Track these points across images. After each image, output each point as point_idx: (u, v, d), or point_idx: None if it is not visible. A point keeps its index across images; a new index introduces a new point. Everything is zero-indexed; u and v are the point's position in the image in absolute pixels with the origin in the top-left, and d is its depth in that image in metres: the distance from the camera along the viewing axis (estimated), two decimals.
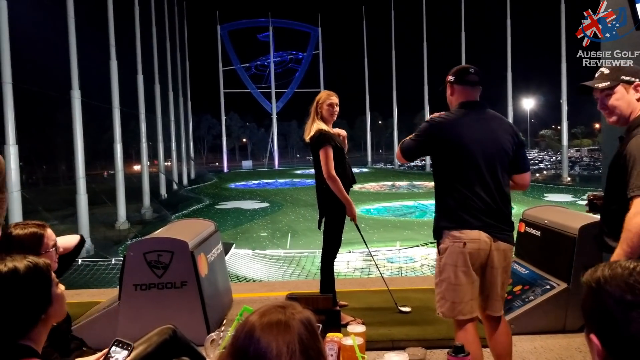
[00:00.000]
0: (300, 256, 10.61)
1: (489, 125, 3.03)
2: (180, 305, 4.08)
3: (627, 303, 1.09)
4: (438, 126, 3.03)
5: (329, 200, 4.47)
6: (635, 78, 2.57)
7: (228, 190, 34.69)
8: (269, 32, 58.15)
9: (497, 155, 2.98)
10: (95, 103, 20.00)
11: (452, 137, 2.97)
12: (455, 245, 2.92)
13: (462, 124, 3.00)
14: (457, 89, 3.14)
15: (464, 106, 3.08)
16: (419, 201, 24.02)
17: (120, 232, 18.74)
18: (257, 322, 1.26)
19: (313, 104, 4.62)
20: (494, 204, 2.95)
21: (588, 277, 1.20)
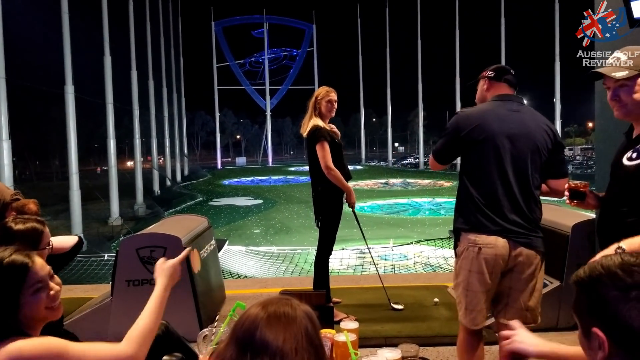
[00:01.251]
0: (293, 253, 10.61)
1: (522, 119, 2.78)
2: (173, 301, 4.03)
3: (627, 286, 1.13)
4: (465, 116, 2.81)
5: (326, 199, 4.48)
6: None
7: (221, 187, 34.64)
8: (263, 28, 58.09)
9: (528, 152, 2.72)
10: (88, 99, 19.91)
11: (477, 128, 2.74)
12: (470, 250, 2.73)
13: (491, 114, 2.78)
14: (495, 85, 2.94)
15: (497, 98, 2.88)
16: (413, 199, 24.06)
17: (113, 228, 18.68)
18: (261, 313, 1.25)
19: (312, 99, 4.62)
20: (517, 206, 2.70)
21: (579, 275, 1.23)
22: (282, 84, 59.98)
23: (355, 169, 44.28)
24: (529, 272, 2.74)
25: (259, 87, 59.05)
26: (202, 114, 77.69)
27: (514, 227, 2.69)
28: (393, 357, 2.34)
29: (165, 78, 34.27)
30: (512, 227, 2.69)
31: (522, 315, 2.73)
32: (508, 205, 2.69)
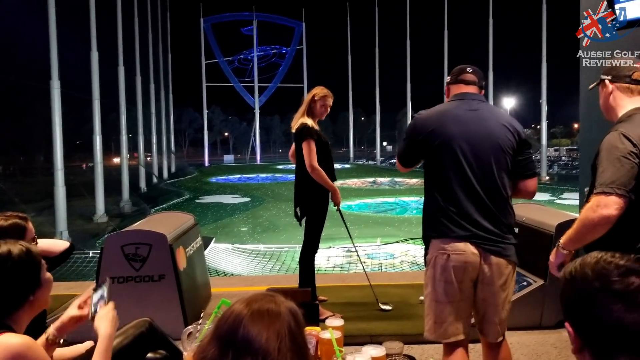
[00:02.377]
0: (280, 251, 10.60)
1: (482, 118, 2.65)
2: (158, 298, 4.05)
3: (594, 288, 1.17)
4: (421, 120, 2.71)
5: (310, 196, 4.47)
6: (606, 75, 2.57)
7: (209, 185, 34.52)
8: (252, 26, 57.90)
9: (491, 152, 2.59)
10: (75, 94, 19.74)
11: (433, 131, 2.62)
12: (439, 257, 2.59)
13: (448, 116, 2.66)
14: (453, 88, 2.84)
15: (454, 98, 2.77)
16: (400, 198, 24.12)
17: (98, 225, 18.54)
18: (244, 310, 1.24)
19: (308, 96, 4.59)
20: (485, 210, 2.56)
21: (565, 269, 1.28)
22: (271, 82, 59.88)
23: (344, 167, 44.30)
24: (500, 283, 2.60)
25: (247, 84, 58.90)
26: (190, 110, 77.30)
27: (484, 233, 2.55)
28: (377, 354, 2.35)
29: (153, 74, 34.09)
30: (482, 233, 2.55)
31: (495, 330, 2.65)
32: (475, 210, 2.56)
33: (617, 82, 2.47)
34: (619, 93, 2.47)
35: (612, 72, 2.51)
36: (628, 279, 1.15)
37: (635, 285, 1.14)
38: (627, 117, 2.39)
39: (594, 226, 2.20)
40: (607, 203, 2.16)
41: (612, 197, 2.16)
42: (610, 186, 2.17)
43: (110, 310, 2.12)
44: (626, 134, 2.26)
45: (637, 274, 1.16)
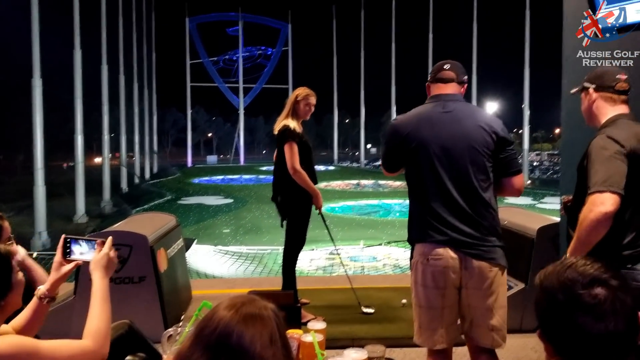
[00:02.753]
0: (263, 253, 10.56)
1: (456, 119, 2.61)
2: (138, 300, 4.01)
3: (563, 300, 1.18)
4: (397, 125, 2.71)
5: (291, 198, 4.45)
6: (590, 83, 2.62)
7: (191, 185, 34.32)
8: (238, 26, 57.74)
9: (467, 153, 2.54)
10: (56, 92, 19.52)
11: (408, 135, 2.61)
12: (420, 262, 2.57)
13: (423, 119, 2.65)
14: (432, 88, 2.81)
15: (429, 100, 2.76)
16: (384, 200, 24.19)
17: (78, 226, 18.32)
18: (234, 316, 1.19)
19: (291, 97, 4.55)
20: (462, 214, 2.52)
21: (537, 276, 1.30)
22: (256, 83, 59.70)
23: (328, 169, 44.27)
24: (485, 286, 2.52)
25: (232, 85, 58.67)
26: (173, 110, 76.82)
27: (462, 237, 2.50)
28: (359, 357, 2.34)
29: (137, 73, 33.83)
30: (460, 237, 2.50)
31: (489, 337, 2.56)
32: (452, 214, 2.51)
33: (600, 91, 2.54)
34: (602, 102, 2.55)
35: (596, 81, 2.57)
36: (594, 290, 1.15)
37: (601, 297, 1.14)
38: (611, 122, 2.49)
39: (594, 225, 2.26)
40: (602, 200, 2.25)
41: (606, 194, 2.24)
42: (604, 184, 2.26)
43: (104, 254, 2.00)
44: (612, 136, 2.37)
45: (604, 284, 1.16)
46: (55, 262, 2.03)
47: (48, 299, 1.99)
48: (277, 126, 4.50)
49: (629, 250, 2.39)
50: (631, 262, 2.38)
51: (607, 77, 2.57)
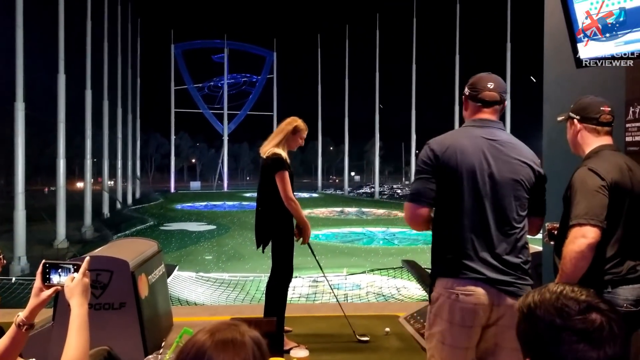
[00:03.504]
0: (245, 280, 10.46)
1: (503, 148, 2.43)
2: (118, 327, 3.93)
3: (557, 325, 1.14)
4: (437, 149, 2.42)
5: (277, 225, 4.43)
6: (575, 115, 2.70)
7: (174, 211, 34.08)
8: (223, 53, 58.12)
9: (511, 187, 2.39)
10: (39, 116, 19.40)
11: (448, 159, 2.39)
12: (446, 297, 2.37)
13: (464, 144, 2.42)
14: (471, 106, 2.59)
15: (472, 124, 2.54)
16: (367, 228, 24.20)
17: (58, 251, 18.06)
18: (208, 340, 1.19)
19: (287, 127, 4.55)
20: (499, 250, 2.36)
21: (520, 303, 1.25)
22: (241, 109, 59.92)
23: (312, 196, 44.31)
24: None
25: (217, 111, 58.81)
26: (157, 136, 76.69)
27: (497, 274, 2.34)
28: None
29: (121, 98, 33.79)
30: (494, 274, 2.34)
31: None
32: (488, 249, 2.35)
33: (585, 122, 2.63)
34: (586, 133, 2.66)
35: (581, 113, 2.67)
36: (590, 316, 1.13)
37: (598, 323, 1.12)
38: (595, 154, 2.59)
39: (579, 257, 2.33)
40: (583, 233, 2.34)
41: (586, 227, 2.34)
42: (585, 217, 2.35)
43: (78, 281, 1.92)
44: (595, 169, 2.46)
45: (598, 310, 1.15)
46: (35, 288, 1.98)
47: (27, 326, 1.93)
48: (266, 151, 4.48)
49: (610, 275, 2.45)
50: (611, 285, 2.45)
51: (591, 109, 2.65)
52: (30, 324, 1.94)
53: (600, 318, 1.13)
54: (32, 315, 1.94)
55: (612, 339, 1.12)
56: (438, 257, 2.46)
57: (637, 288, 2.48)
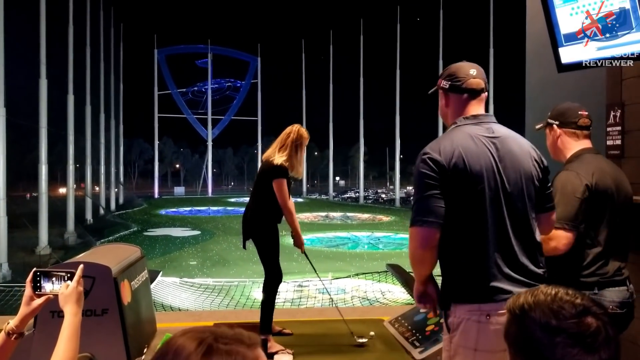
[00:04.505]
0: (230, 285, 10.41)
1: (506, 145, 2.17)
2: (100, 333, 3.89)
3: (552, 328, 1.13)
4: (435, 157, 2.10)
5: (262, 225, 4.55)
6: (553, 120, 2.75)
7: (158, 217, 33.84)
8: (207, 58, 57.97)
9: (523, 187, 2.15)
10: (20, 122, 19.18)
11: (456, 169, 2.07)
12: (473, 321, 2.05)
13: (469, 147, 2.11)
14: (454, 99, 2.28)
15: (466, 122, 2.22)
16: (352, 232, 24.22)
17: (40, 258, 17.82)
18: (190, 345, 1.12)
19: (295, 136, 4.67)
20: (523, 262, 2.11)
21: (511, 304, 1.23)
22: (225, 115, 59.76)
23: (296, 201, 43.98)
24: None
25: (201, 116, 58.60)
26: (140, 141, 76.22)
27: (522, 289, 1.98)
28: None
29: (103, 104, 33.54)
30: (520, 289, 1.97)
31: None
32: (511, 263, 2.09)
33: (564, 127, 2.69)
34: (566, 137, 2.71)
35: (559, 118, 2.72)
36: (585, 319, 1.12)
37: (594, 328, 1.11)
38: (576, 157, 2.68)
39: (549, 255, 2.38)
40: (556, 235, 2.43)
41: (560, 231, 2.43)
42: (560, 221, 2.42)
43: (73, 288, 1.92)
44: (576, 171, 2.55)
45: (593, 314, 1.13)
46: (26, 297, 1.96)
47: (16, 334, 1.89)
48: (272, 156, 4.61)
49: (595, 277, 2.50)
50: (598, 287, 2.51)
51: (570, 113, 2.71)
52: (20, 332, 1.91)
53: (596, 322, 1.12)
54: (22, 324, 1.92)
55: (607, 344, 1.11)
56: (455, 280, 2.14)
57: (623, 290, 2.52)
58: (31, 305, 1.93)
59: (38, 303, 1.93)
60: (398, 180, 44.11)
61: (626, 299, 2.51)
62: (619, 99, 3.34)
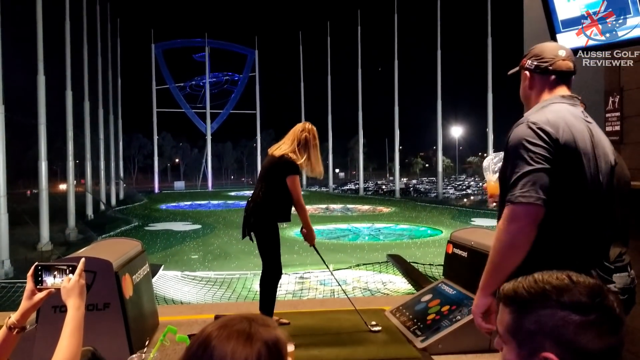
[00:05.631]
0: (231, 278, 10.44)
1: (597, 132, 2.02)
2: (103, 327, 3.90)
3: (586, 306, 1.08)
4: (548, 129, 1.89)
5: (269, 221, 4.57)
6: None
7: (158, 212, 33.86)
8: (204, 52, 57.85)
9: (608, 179, 2.01)
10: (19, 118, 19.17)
11: (566, 143, 1.89)
12: None
13: (573, 123, 1.94)
14: (540, 80, 2.10)
15: (559, 100, 2.04)
16: (353, 224, 24.24)
17: (42, 254, 17.87)
18: (215, 332, 1.15)
19: (309, 135, 4.77)
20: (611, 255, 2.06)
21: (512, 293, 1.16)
22: (224, 108, 59.72)
23: None
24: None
25: (199, 110, 58.55)
26: (139, 136, 76.12)
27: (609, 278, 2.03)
28: None
29: (102, 99, 33.49)
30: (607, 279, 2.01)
31: None
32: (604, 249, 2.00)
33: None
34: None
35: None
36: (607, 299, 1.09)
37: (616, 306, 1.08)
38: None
39: None
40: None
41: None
42: None
43: (75, 281, 1.92)
44: None
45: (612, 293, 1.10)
46: (27, 291, 1.96)
47: (18, 329, 1.89)
48: (279, 151, 4.68)
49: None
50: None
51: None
52: (22, 327, 1.91)
53: (616, 301, 1.09)
54: (23, 318, 1.92)
55: (623, 324, 1.08)
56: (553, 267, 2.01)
57: (625, 276, 2.50)
58: (33, 299, 1.93)
59: (40, 297, 1.93)
60: (398, 172, 44.12)
61: (628, 284, 2.51)
62: (618, 85, 3.34)
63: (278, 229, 4.72)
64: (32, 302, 1.92)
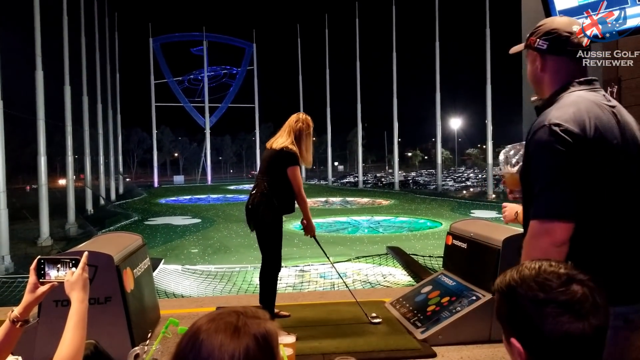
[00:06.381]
0: (232, 271, 10.46)
1: (623, 116, 1.82)
2: (104, 321, 3.93)
3: (540, 301, 1.15)
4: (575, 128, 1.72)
5: (273, 215, 4.62)
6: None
7: (158, 206, 33.86)
8: (202, 46, 57.68)
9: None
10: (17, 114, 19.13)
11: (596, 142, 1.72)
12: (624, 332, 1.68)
13: (600, 117, 1.76)
14: (554, 62, 1.89)
15: (580, 88, 1.85)
16: (352, 217, 24.26)
17: (42, 249, 17.87)
18: (204, 325, 1.16)
19: (303, 125, 4.83)
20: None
21: (499, 283, 1.25)
22: (222, 102, 59.60)
23: None
24: None
25: (198, 104, 58.44)
26: (138, 131, 76.13)
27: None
28: None
29: (100, 94, 33.43)
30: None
31: None
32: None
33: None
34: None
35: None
36: (571, 287, 1.15)
37: (580, 294, 1.14)
38: None
39: None
40: None
41: None
42: None
43: (78, 275, 1.93)
44: None
45: (579, 281, 1.16)
46: (30, 284, 1.97)
47: (21, 322, 1.90)
48: (278, 144, 4.74)
49: None
50: None
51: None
52: (25, 320, 1.92)
53: (582, 289, 1.15)
54: (26, 312, 1.93)
55: (595, 310, 1.14)
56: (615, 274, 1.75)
57: None
58: (35, 292, 1.94)
59: (42, 290, 1.95)
60: (397, 164, 44.11)
61: None
62: (616, 75, 3.34)
63: (282, 222, 4.76)
64: (34, 295, 1.93)
